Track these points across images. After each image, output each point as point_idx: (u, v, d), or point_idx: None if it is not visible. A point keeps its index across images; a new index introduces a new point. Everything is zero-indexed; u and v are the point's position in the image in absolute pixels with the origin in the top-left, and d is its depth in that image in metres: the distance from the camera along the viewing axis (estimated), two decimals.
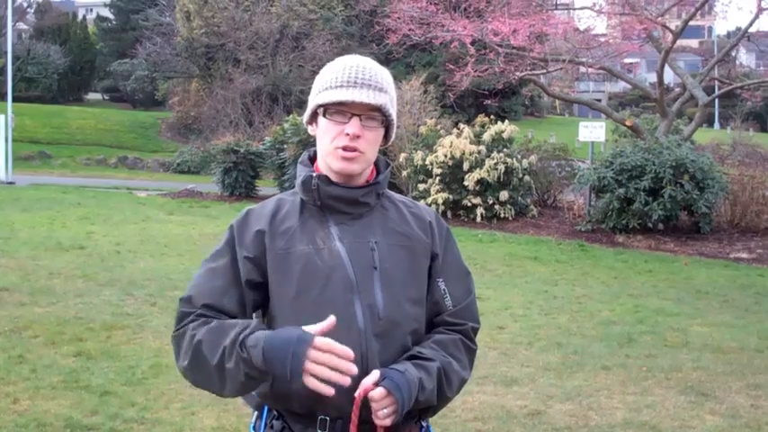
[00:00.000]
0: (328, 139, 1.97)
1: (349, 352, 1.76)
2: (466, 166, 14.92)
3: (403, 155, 16.47)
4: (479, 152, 15.06)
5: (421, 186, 15.65)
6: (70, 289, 8.38)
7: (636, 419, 5.17)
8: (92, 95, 45.02)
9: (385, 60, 33.16)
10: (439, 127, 17.12)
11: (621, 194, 13.18)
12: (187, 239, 12.17)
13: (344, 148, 1.95)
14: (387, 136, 2.05)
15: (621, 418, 5.20)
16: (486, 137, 15.41)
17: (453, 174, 15.24)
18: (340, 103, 1.94)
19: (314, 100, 2.00)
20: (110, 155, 29.35)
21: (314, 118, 2.04)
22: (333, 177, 1.99)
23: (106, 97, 45.57)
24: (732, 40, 19.15)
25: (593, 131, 15.46)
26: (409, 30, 16.87)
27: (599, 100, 32.05)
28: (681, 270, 11.07)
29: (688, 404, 5.51)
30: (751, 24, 16.97)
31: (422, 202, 2.51)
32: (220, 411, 5.01)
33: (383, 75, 2.00)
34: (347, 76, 1.95)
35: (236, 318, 1.95)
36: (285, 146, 18.06)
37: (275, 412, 2.00)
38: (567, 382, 5.92)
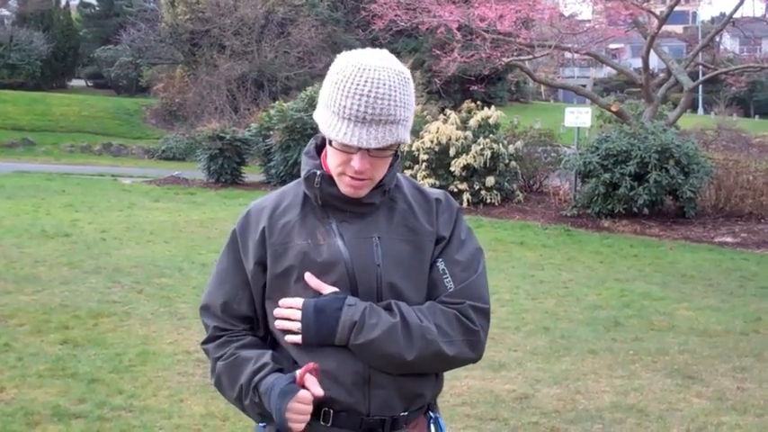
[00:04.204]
0: (335, 161, 1.87)
1: (320, 393, 1.82)
2: (452, 151, 14.92)
3: None
4: (465, 138, 15.07)
5: (407, 172, 15.63)
6: (56, 277, 8.34)
7: (623, 403, 5.20)
8: (75, 82, 44.58)
9: (371, 46, 33.04)
10: (425, 113, 17.11)
11: (607, 179, 13.23)
12: (173, 226, 12.12)
13: (352, 177, 1.86)
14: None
15: (609, 401, 5.23)
16: (473, 123, 15.41)
17: (440, 159, 15.25)
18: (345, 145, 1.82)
19: (320, 114, 1.87)
20: (94, 142, 29.13)
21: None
22: None
23: (90, 84, 45.15)
24: (716, 25, 19.20)
25: (578, 117, 15.48)
26: (395, 15, 16.80)
27: (584, 85, 32.10)
28: (666, 254, 11.13)
29: (675, 387, 5.55)
30: (735, 10, 17.01)
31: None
32: (209, 398, 5.00)
33: (398, 96, 1.80)
34: (356, 107, 1.77)
35: (250, 318, 2.01)
36: (271, 132, 18.00)
37: None
38: (554, 367, 5.95)
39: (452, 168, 14.91)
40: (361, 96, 1.77)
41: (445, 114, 16.32)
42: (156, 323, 6.77)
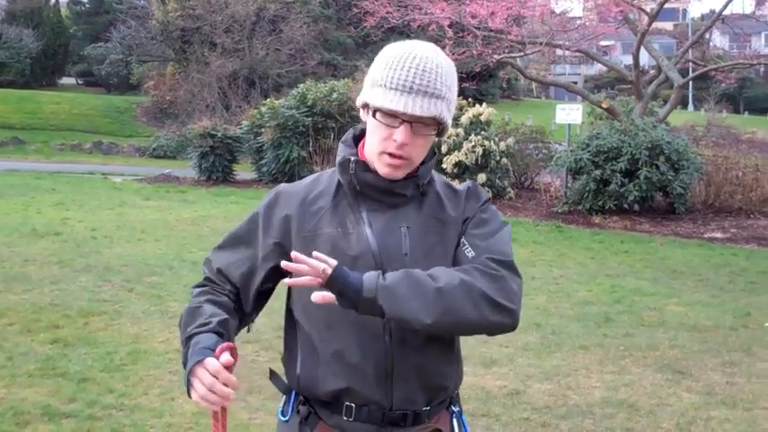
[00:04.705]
0: (376, 139, 1.87)
1: (233, 380, 1.73)
2: (444, 148, 14.93)
3: None
4: (457, 135, 15.08)
5: None
6: (46, 276, 8.31)
7: (614, 398, 5.22)
8: (65, 80, 44.38)
9: (362, 44, 33.09)
10: None
11: (598, 176, 13.26)
12: (164, 224, 12.10)
13: (391, 155, 1.86)
14: (440, 133, 1.93)
15: (599, 396, 5.25)
16: (464, 120, 15.42)
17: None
18: (391, 111, 1.83)
19: (366, 93, 1.89)
20: (84, 140, 29.01)
21: (366, 107, 1.93)
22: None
23: (80, 82, 44.96)
24: (706, 22, 19.26)
25: (569, 114, 15.50)
26: (387, 12, 16.81)
27: (575, 82, 32.16)
28: (656, 250, 11.16)
29: (665, 382, 5.58)
30: (725, 7, 17.07)
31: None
32: None
33: (443, 77, 1.85)
34: (404, 77, 1.81)
35: (237, 290, 2.01)
36: (262, 130, 17.96)
37: (302, 397, 1.98)
38: (545, 362, 5.97)
39: (444, 165, 14.92)
40: (410, 68, 1.82)
41: None
42: (146, 322, 6.76)
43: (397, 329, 1.86)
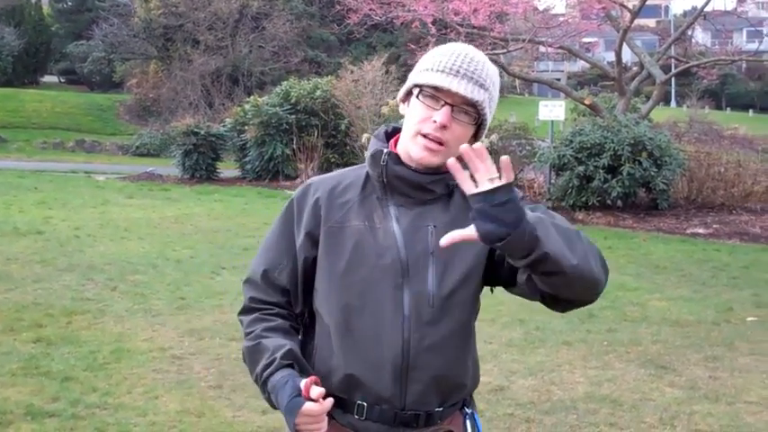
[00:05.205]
0: (415, 119, 1.89)
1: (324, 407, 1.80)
2: None
3: (365, 135, 16.40)
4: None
5: None
6: (28, 274, 8.25)
7: (597, 393, 5.25)
8: (48, 78, 44.06)
9: (346, 41, 33.07)
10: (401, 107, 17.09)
11: (581, 172, 13.31)
12: (147, 223, 12.04)
13: (429, 137, 1.86)
14: (477, 135, 1.93)
15: (583, 392, 5.28)
16: None
17: None
18: (436, 88, 1.85)
19: (412, 78, 1.92)
20: (67, 138, 28.86)
21: (407, 96, 1.95)
22: (408, 161, 1.91)
23: (62, 80, 44.67)
24: (688, 19, 19.32)
25: (552, 110, 15.55)
26: (370, 9, 16.78)
27: (558, 79, 32.21)
28: (639, 246, 11.23)
29: (648, 377, 5.61)
30: (707, 3, 17.14)
31: None
32: (184, 395, 4.99)
33: (489, 72, 1.90)
34: (452, 62, 1.86)
35: (288, 291, 1.98)
36: (246, 127, 17.93)
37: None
38: (529, 358, 5.99)
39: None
40: (458, 56, 1.88)
41: None
42: (130, 320, 6.73)
43: (417, 327, 1.86)
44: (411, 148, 1.89)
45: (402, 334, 1.85)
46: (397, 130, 2.00)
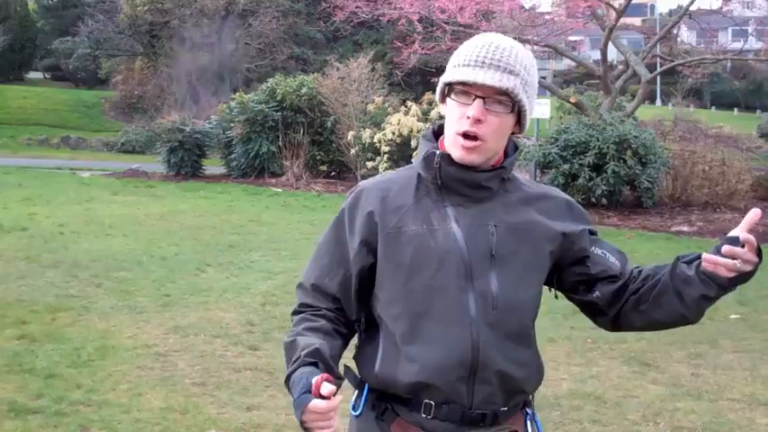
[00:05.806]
0: (452, 120, 1.88)
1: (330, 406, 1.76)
2: (414, 143, 14.96)
3: (351, 133, 16.45)
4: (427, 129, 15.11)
5: (369, 164, 15.66)
6: (12, 271, 8.21)
7: (581, 390, 5.28)
8: (33, 74, 43.78)
9: (332, 38, 33.01)
10: (387, 105, 17.12)
11: (566, 170, 13.36)
12: (133, 220, 12.00)
13: (465, 135, 1.84)
14: (520, 123, 1.92)
15: (567, 388, 5.30)
16: (434, 114, 15.47)
17: (401, 151, 15.27)
18: (464, 83, 1.84)
19: (443, 77, 1.91)
20: (52, 135, 28.68)
21: (444, 97, 1.94)
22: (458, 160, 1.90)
23: (48, 76, 44.39)
24: (674, 17, 19.46)
25: (537, 108, 15.54)
26: (356, 7, 16.80)
27: (544, 77, 32.30)
28: (624, 243, 11.27)
29: (631, 374, 5.65)
30: (692, 2, 17.24)
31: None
32: (168, 392, 4.98)
33: (518, 56, 1.87)
34: (476, 54, 1.84)
35: (338, 299, 1.97)
36: (232, 124, 17.88)
37: (377, 392, 1.94)
38: None
39: (414, 160, 14.95)
40: (482, 47, 1.86)
41: (406, 106, 16.35)
42: (114, 317, 6.71)
43: (483, 328, 1.85)
44: (452, 150, 1.89)
45: (471, 336, 1.84)
46: (443, 128, 1.97)
